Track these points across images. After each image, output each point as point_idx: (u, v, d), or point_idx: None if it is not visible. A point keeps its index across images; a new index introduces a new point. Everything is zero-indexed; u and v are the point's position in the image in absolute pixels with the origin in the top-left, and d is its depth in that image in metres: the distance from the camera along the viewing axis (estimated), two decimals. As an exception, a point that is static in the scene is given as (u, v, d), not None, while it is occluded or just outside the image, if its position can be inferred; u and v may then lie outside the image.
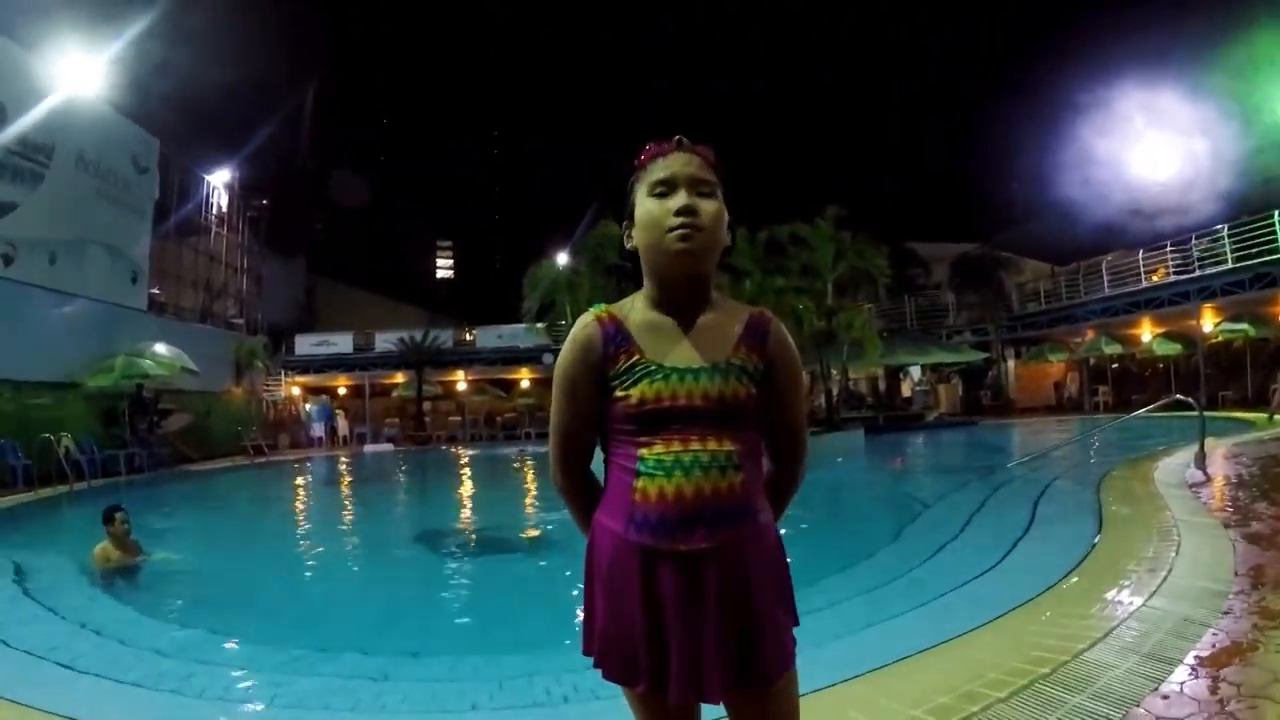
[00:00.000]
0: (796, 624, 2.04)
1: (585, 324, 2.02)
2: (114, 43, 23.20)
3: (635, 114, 53.90)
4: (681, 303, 2.00)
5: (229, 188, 33.59)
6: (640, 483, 1.91)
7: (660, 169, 1.98)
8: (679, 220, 1.92)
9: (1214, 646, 4.24)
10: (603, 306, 2.06)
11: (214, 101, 29.07)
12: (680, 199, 1.93)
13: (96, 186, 23.43)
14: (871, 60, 56.19)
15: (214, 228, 33.20)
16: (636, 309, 2.03)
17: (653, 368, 1.94)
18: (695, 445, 1.89)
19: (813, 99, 55.96)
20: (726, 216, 2.00)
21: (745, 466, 1.93)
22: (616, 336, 1.98)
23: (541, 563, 9.79)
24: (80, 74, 22.17)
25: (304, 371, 40.62)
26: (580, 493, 2.11)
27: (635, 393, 1.92)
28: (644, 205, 1.98)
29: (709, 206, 1.94)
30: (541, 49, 57.67)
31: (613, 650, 1.97)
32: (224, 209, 33.72)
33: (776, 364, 2.03)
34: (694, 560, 1.87)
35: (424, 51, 58.75)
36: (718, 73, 57.37)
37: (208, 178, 31.91)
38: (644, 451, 1.92)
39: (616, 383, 1.95)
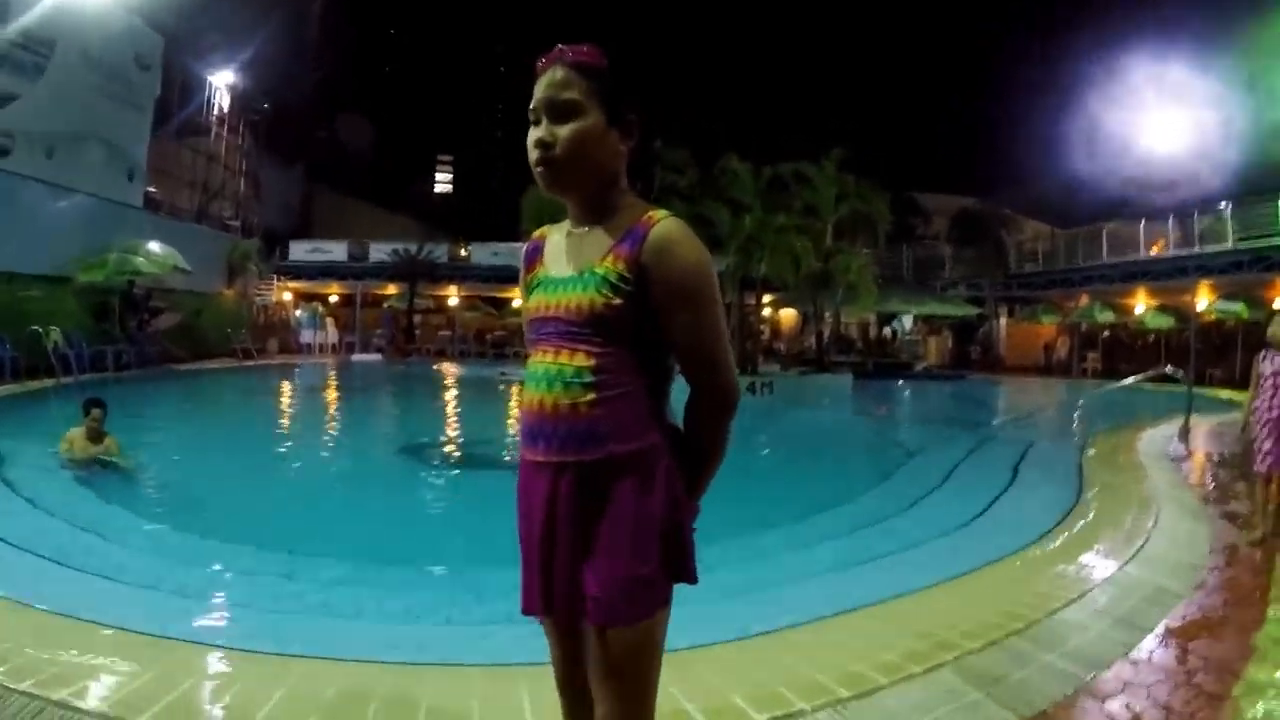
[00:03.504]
0: (687, 580, 1.93)
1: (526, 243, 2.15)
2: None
3: (644, 35, 53.15)
4: (584, 216, 1.99)
5: (231, 90, 33.03)
6: (523, 389, 1.97)
7: (534, 95, 1.94)
8: (535, 155, 1.92)
9: (1185, 618, 4.31)
10: (545, 227, 2.14)
11: (221, 1, 28.54)
12: (535, 131, 1.92)
13: (98, 82, 23.03)
14: (893, 6, 55.47)
15: (214, 129, 32.70)
16: (561, 226, 2.07)
17: (541, 279, 2.01)
18: (549, 357, 1.90)
19: (829, 40, 55.33)
20: (594, 127, 1.90)
21: (602, 385, 1.84)
22: (532, 253, 2.11)
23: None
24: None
25: (297, 277, 40.32)
26: None
27: (526, 304, 2.04)
28: None
29: (563, 131, 1.88)
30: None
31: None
32: (225, 111, 33.16)
33: (651, 273, 1.85)
34: (537, 470, 1.91)
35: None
36: (735, 4, 56.46)
37: (210, 78, 31.37)
38: (528, 360, 1.99)
39: (525, 295, 2.07)
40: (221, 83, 32.21)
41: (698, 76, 53.39)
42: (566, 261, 1.97)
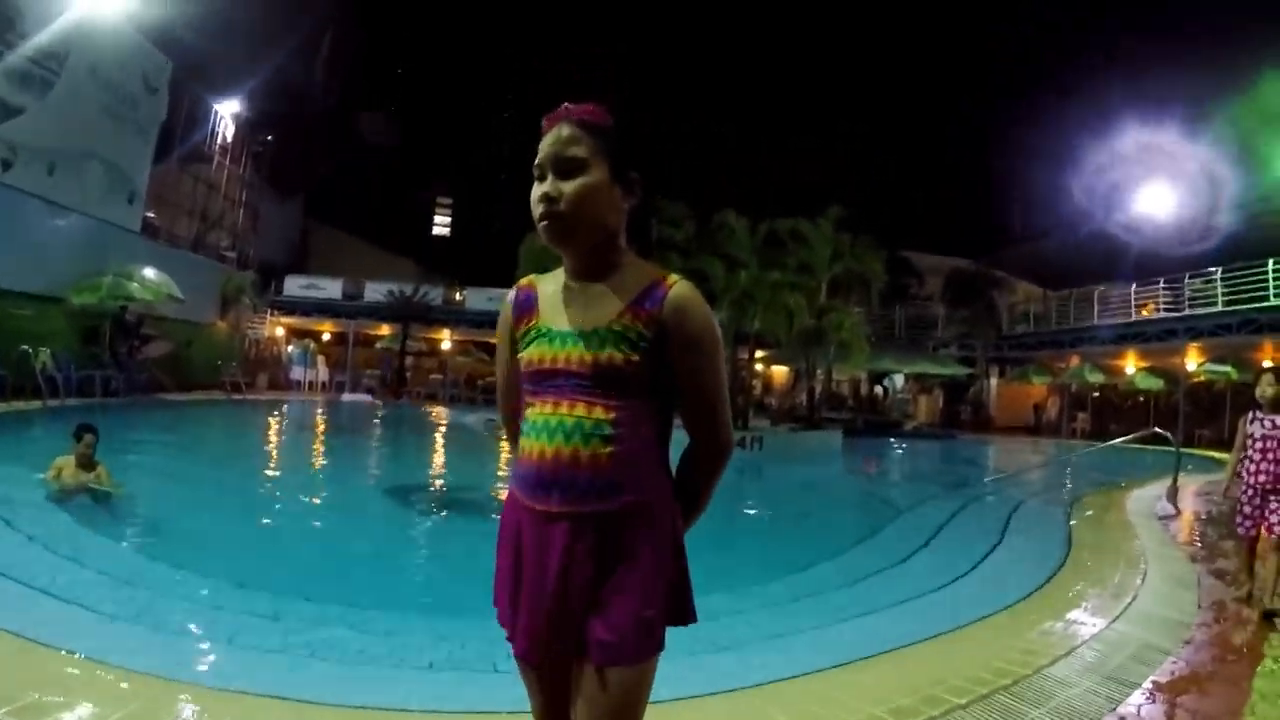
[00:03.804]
0: (686, 622, 2.02)
1: (510, 292, 2.16)
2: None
3: (644, 89, 53.60)
4: (584, 270, 2.03)
5: (236, 119, 33.25)
6: (523, 440, 2.00)
7: (540, 151, 2.00)
8: (539, 209, 1.97)
9: (1173, 674, 4.31)
10: (532, 276, 2.17)
11: (232, 29, 28.68)
12: (540, 186, 1.98)
13: (104, 102, 23.17)
14: (889, 67, 56.10)
15: (216, 157, 32.88)
16: (554, 278, 2.11)
17: (543, 331, 2.02)
18: (564, 410, 1.93)
19: (827, 98, 55.85)
20: (599, 184, 1.97)
21: (620, 438, 1.92)
22: (525, 303, 2.10)
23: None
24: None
25: (290, 313, 40.31)
26: (514, 443, 2.16)
27: (526, 355, 2.03)
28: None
29: (568, 187, 1.95)
30: (562, 15, 57.13)
31: (498, 597, 2.06)
32: (228, 140, 33.34)
33: (670, 330, 1.94)
34: (549, 520, 1.92)
35: (445, 7, 58.25)
36: (736, 61, 57.02)
37: (216, 106, 31.59)
38: (529, 411, 2.01)
39: (520, 345, 2.06)
40: (226, 111, 32.42)
41: (697, 131, 53.81)
42: (572, 316, 2.00)
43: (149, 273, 22.63)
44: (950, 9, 53.11)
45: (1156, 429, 15.59)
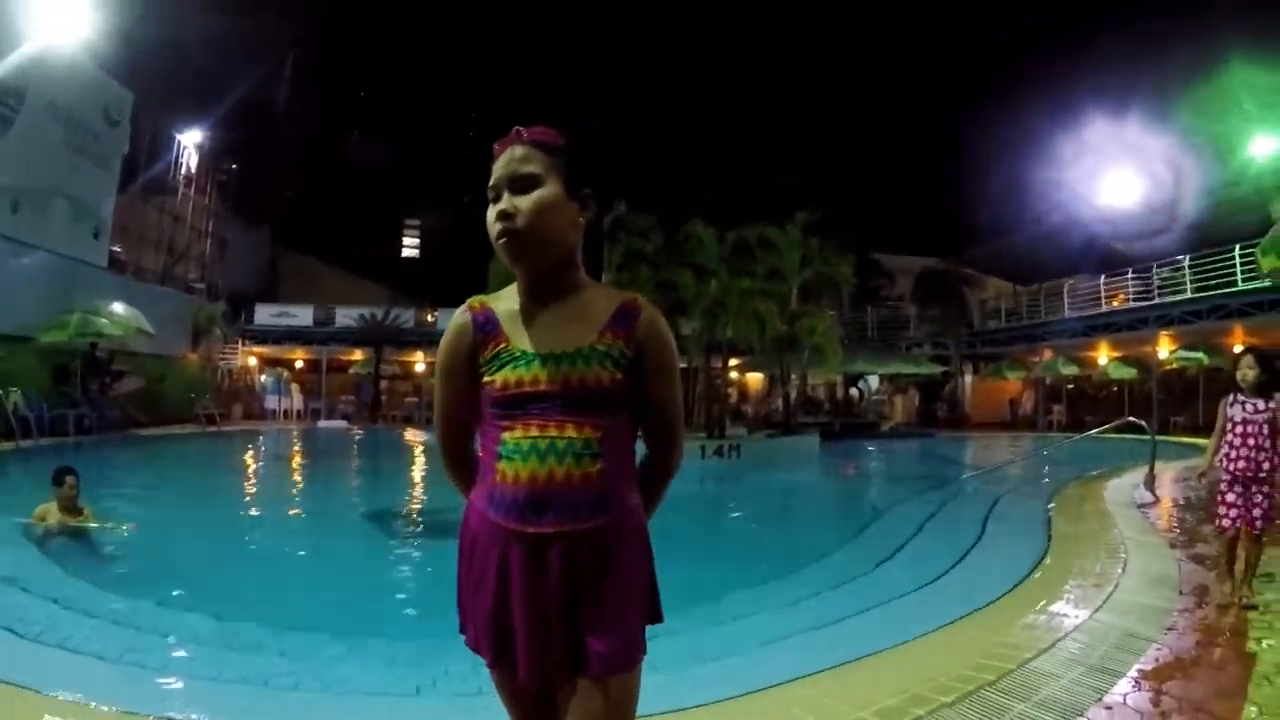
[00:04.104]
0: (659, 620, 2.09)
1: (460, 313, 2.11)
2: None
3: (611, 104, 53.68)
4: (543, 291, 2.05)
5: (199, 149, 33.14)
6: (501, 464, 1.96)
7: (494, 173, 2.02)
8: (497, 226, 1.99)
9: (1157, 661, 4.34)
10: (480, 297, 2.14)
11: (192, 59, 28.49)
12: (496, 206, 2.00)
13: (66, 136, 23.00)
14: (854, 70, 56.40)
15: (181, 188, 32.76)
16: (509, 297, 2.10)
17: (516, 354, 1.99)
18: (553, 431, 1.93)
19: (794, 105, 56.06)
20: (555, 198, 2.00)
21: (606, 455, 1.95)
22: (486, 324, 2.05)
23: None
24: (59, 19, 21.69)
25: (262, 342, 40.10)
26: (460, 471, 2.19)
27: (499, 378, 1.98)
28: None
29: (524, 203, 1.97)
30: (528, 33, 57.14)
31: (473, 624, 2.04)
32: (193, 170, 33.24)
33: (646, 350, 2.01)
34: (542, 543, 1.92)
35: (407, 28, 58.09)
36: (701, 68, 57.16)
37: (179, 137, 31.48)
38: (506, 435, 1.97)
39: (485, 368, 2.02)
40: (190, 142, 32.31)
41: (665, 142, 53.88)
42: (544, 338, 2.00)
43: (118, 308, 22.40)
44: (915, 11, 53.54)
45: (1131, 418, 15.70)
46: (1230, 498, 5.71)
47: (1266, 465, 5.59)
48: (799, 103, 56.11)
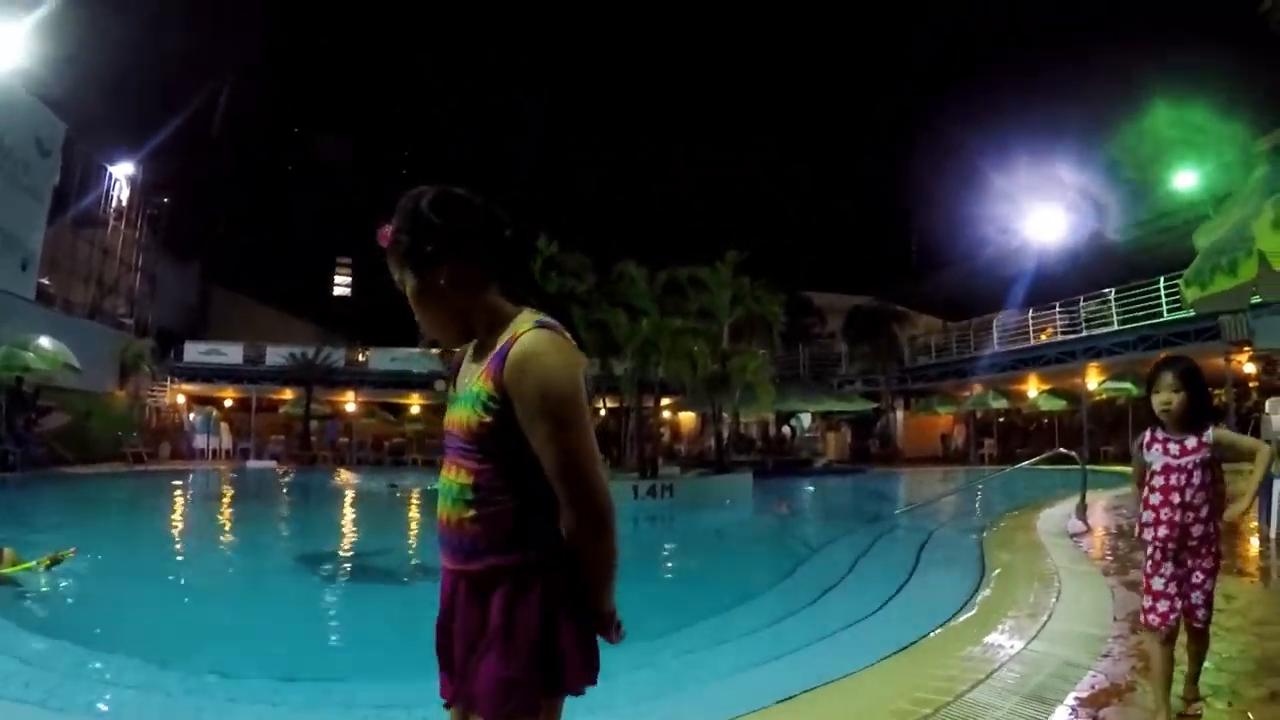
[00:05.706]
0: (562, 690, 1.97)
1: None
2: (28, 17, 22.47)
3: (541, 144, 53.92)
4: (478, 333, 2.09)
5: (131, 181, 32.71)
6: None
7: None
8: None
9: (1093, 688, 4.40)
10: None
11: (125, 91, 28.10)
12: None
13: (-5, 164, 22.60)
14: (781, 109, 57.15)
15: (112, 221, 32.31)
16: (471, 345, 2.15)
17: (452, 397, 2.10)
18: (450, 474, 2.01)
19: (724, 141, 56.56)
20: (415, 290, 2.04)
21: (480, 502, 1.94)
22: (454, 370, 2.17)
23: (422, 590, 9.66)
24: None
25: (191, 379, 39.53)
26: None
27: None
28: None
29: (407, 290, 2.06)
30: (456, 74, 57.19)
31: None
32: (123, 203, 32.81)
33: (511, 391, 1.88)
34: (447, 575, 2.06)
35: (339, 70, 57.88)
36: (634, 112, 57.49)
37: (110, 169, 31.07)
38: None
39: None
40: (121, 174, 31.87)
41: (596, 182, 54.12)
42: (461, 379, 2.08)
43: (45, 342, 21.89)
44: (845, 48, 54.42)
45: (1062, 449, 16.02)
46: (1158, 584, 3.77)
47: (1198, 530, 3.69)
48: (730, 141, 56.68)
